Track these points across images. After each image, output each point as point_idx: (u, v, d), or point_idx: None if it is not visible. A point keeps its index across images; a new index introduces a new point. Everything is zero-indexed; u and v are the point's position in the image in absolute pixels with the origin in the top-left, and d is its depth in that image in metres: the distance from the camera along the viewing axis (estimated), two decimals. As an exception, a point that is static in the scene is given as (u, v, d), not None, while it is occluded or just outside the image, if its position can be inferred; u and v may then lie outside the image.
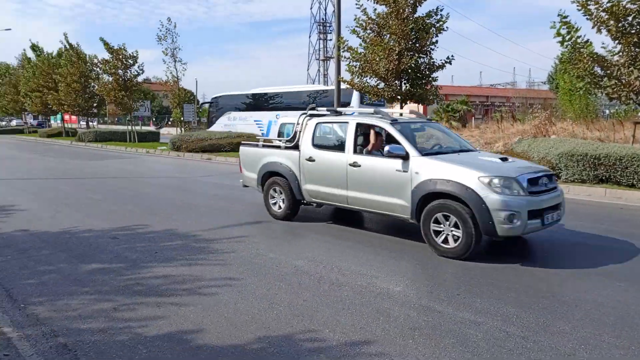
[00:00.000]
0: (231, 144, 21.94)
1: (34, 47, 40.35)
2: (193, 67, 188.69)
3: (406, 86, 15.56)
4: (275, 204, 8.17)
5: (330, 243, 6.71)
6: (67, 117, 42.21)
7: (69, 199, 10.17)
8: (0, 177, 13.95)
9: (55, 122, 51.59)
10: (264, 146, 8.67)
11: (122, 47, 28.10)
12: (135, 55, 28.40)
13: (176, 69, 29.34)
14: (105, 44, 27.92)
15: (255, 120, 26.10)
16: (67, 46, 33.89)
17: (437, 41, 14.93)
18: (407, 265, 5.76)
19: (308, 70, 65.71)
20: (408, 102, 16.29)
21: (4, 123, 57.93)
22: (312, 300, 4.60)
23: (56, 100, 34.75)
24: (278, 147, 8.35)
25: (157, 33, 28.23)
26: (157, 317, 4.23)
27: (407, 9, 14.36)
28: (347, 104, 22.16)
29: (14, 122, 56.56)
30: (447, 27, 14.82)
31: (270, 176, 8.20)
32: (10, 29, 74.52)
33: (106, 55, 28.29)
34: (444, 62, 15.13)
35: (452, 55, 14.98)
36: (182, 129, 33.72)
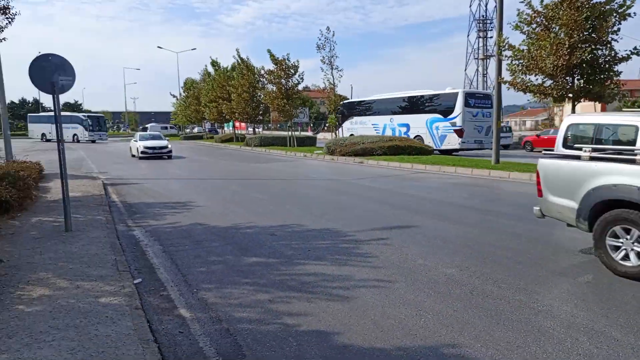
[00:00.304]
0: (382, 148, 22.08)
1: (214, 63, 45.75)
2: (348, 73, 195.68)
3: (579, 83, 13.92)
4: (621, 252, 5.26)
5: (484, 252, 6.28)
6: (237, 124, 46.94)
7: (237, 198, 11.26)
8: (184, 177, 16.09)
9: (227, 129, 57.72)
10: (595, 159, 5.63)
11: (286, 58, 30.28)
12: (296, 65, 30.38)
13: (333, 76, 30.62)
14: (271, 55, 30.40)
15: (372, 124, 28.75)
16: (239, 60, 37.77)
17: (619, 29, 13.07)
18: (576, 283, 5.10)
19: (465, 70, 63.00)
20: (581, 100, 14.56)
21: (187, 130, 66.78)
22: (463, 311, 4.35)
23: (229, 109, 38.92)
24: (630, 161, 5.26)
25: (317, 42, 29.81)
26: (307, 312, 4.41)
27: None
28: (450, 109, 23.83)
29: (195, 129, 64.92)
30: (633, 13, 12.84)
31: (610, 207, 5.38)
32: (195, 49, 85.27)
33: (271, 67, 30.82)
34: (628, 53, 13.16)
35: (640, 45, 12.94)
36: (337, 134, 35.00)
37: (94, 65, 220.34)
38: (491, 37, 54.24)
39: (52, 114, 45.94)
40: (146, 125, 74.43)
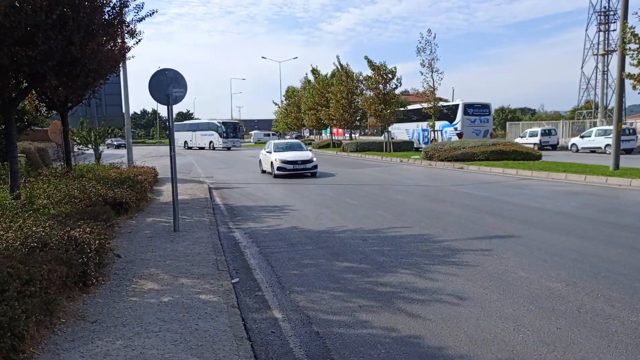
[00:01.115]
0: (485, 153, 21.09)
1: (314, 71, 46.97)
2: (451, 75, 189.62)
3: None
4: None
5: (597, 267, 5.72)
6: (334, 130, 47.67)
7: (331, 202, 11.42)
8: (281, 182, 16.68)
9: (325, 135, 58.78)
10: None
11: (383, 64, 30.23)
12: (394, 70, 30.21)
13: (432, 79, 29.89)
14: (369, 62, 30.55)
15: (405, 129, 35.94)
16: (339, 67, 38.40)
17: None
18: None
19: (582, 68, 57.69)
20: None
21: (287, 137, 69.36)
22: (567, 330, 3.99)
23: (327, 115, 39.65)
24: None
25: (417, 45, 29.33)
26: (397, 321, 4.34)
27: None
28: (454, 116, 30.65)
29: (294, 136, 67.18)
30: None
31: None
32: (297, 57, 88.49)
33: (369, 72, 30.93)
34: None
35: None
36: (434, 139, 34.07)
37: (205, 76, 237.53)
38: (614, 30, 49.15)
39: (193, 121, 48.89)
40: (250, 132, 78.32)
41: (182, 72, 8.01)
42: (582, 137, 32.19)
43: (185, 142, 52.56)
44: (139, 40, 9.73)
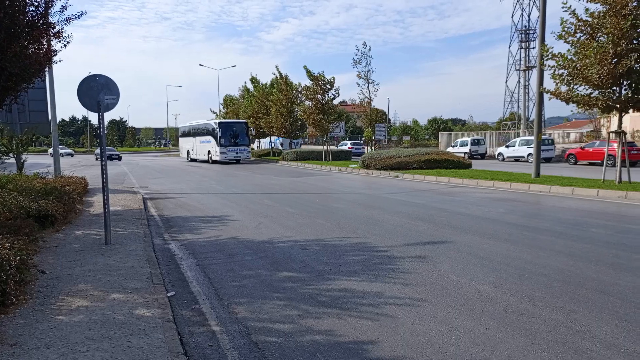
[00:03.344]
0: (419, 162, 21.87)
1: (253, 80, 46.75)
2: (387, 87, 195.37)
3: (626, 93, 13.38)
4: None
5: (521, 269, 6.08)
6: (274, 139, 47.56)
7: (270, 212, 11.37)
8: (220, 192, 16.39)
9: (264, 145, 58.54)
10: None
11: (321, 74, 30.65)
12: (332, 80, 30.72)
13: (369, 90, 30.71)
14: (308, 72, 30.90)
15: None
16: (278, 76, 38.47)
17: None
18: (618, 303, 4.85)
19: (507, 82, 61.57)
20: (629, 111, 13.99)
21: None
22: (496, 330, 4.21)
23: (268, 123, 39.52)
24: None
25: (353, 57, 30.04)
26: (336, 328, 4.38)
27: (630, 4, 12.35)
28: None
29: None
30: (680, 20, 12.30)
31: None
32: (235, 66, 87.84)
33: (308, 82, 31.24)
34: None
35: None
36: (372, 148, 34.94)
37: (140, 83, 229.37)
38: (533, 48, 53.01)
39: (195, 123, 39.78)
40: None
41: (115, 78, 7.69)
42: (507, 146, 34.26)
43: (188, 152, 41.73)
44: (67, 44, 9.27)
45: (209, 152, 36.50)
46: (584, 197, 13.11)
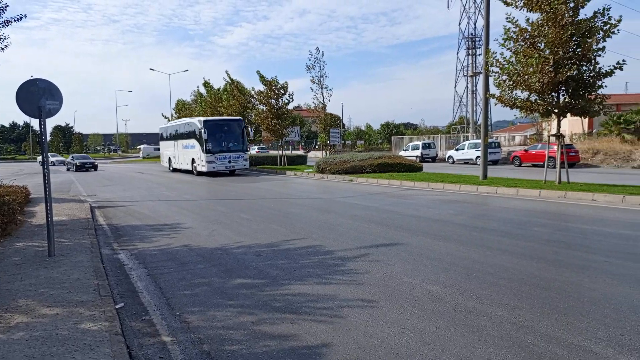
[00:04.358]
0: (372, 166, 22.21)
1: (206, 84, 45.93)
2: (341, 92, 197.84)
3: (564, 98, 14.14)
4: None
5: (469, 269, 6.29)
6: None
7: (224, 218, 11.22)
8: (172, 199, 16.02)
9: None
10: None
11: (275, 79, 30.59)
12: (285, 85, 30.74)
13: (323, 95, 30.93)
14: (261, 76, 30.73)
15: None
16: (230, 81, 38.05)
17: (603, 47, 13.30)
18: (557, 297, 5.11)
19: (455, 87, 63.82)
20: (568, 115, 14.77)
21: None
22: (445, 329, 4.34)
23: (220, 129, 38.89)
24: None
25: (307, 63, 30.18)
26: (290, 334, 4.38)
27: (566, 14, 13.07)
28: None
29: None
30: (617, 30, 13.07)
31: None
32: (187, 70, 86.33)
33: (261, 87, 31.09)
34: (612, 68, 13.37)
35: (623, 60, 13.15)
36: (327, 152, 35.17)
37: (88, 87, 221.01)
38: (480, 55, 55.25)
39: (176, 123, 32.93)
40: (138, 147, 74.09)
41: (60, 82, 7.42)
42: (457, 149, 35.40)
43: (170, 160, 33.23)
44: (6, 47, 8.84)
45: (192, 161, 27.94)
46: (527, 197, 13.73)
